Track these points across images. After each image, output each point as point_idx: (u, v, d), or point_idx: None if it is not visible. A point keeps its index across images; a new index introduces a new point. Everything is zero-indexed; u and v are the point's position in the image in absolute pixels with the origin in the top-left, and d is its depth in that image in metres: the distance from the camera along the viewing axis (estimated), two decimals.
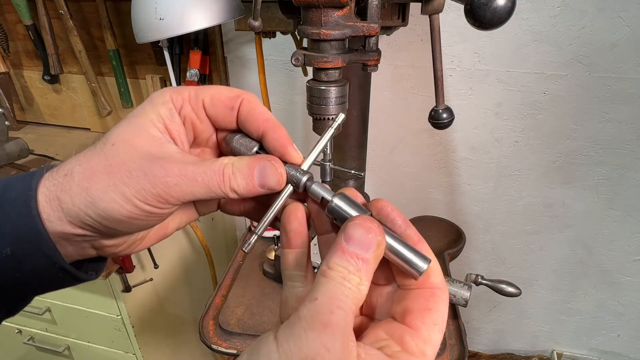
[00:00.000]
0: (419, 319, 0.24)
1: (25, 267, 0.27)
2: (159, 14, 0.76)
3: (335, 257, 0.23)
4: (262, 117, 0.30)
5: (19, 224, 0.26)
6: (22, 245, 0.27)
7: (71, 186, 0.27)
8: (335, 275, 0.23)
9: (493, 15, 0.46)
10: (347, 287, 0.22)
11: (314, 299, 0.22)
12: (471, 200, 1.26)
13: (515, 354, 1.51)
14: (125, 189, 0.26)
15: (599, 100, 1.03)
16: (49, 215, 0.27)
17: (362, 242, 0.23)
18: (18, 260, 0.27)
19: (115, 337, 1.07)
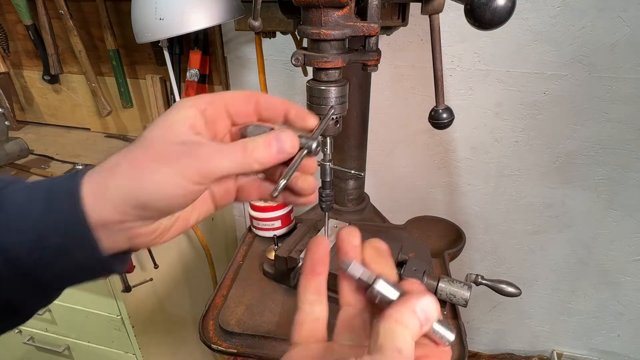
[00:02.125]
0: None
1: (70, 258, 0.30)
2: (159, 14, 0.76)
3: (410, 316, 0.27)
4: (280, 101, 0.36)
5: (67, 217, 0.29)
6: (69, 236, 0.29)
7: (117, 175, 0.29)
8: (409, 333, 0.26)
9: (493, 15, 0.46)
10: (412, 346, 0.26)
11: (398, 351, 0.25)
12: (471, 200, 1.26)
13: (515, 354, 1.51)
14: (168, 169, 0.29)
15: (599, 100, 1.03)
16: (94, 205, 0.29)
17: (428, 315, 0.27)
18: (65, 251, 0.29)
19: (115, 337, 1.07)
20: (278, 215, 0.92)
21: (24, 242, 0.28)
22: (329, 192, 0.73)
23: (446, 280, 0.72)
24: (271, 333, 0.74)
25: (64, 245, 0.29)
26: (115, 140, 1.39)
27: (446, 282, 0.71)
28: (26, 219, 0.28)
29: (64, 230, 0.29)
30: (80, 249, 0.29)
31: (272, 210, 0.91)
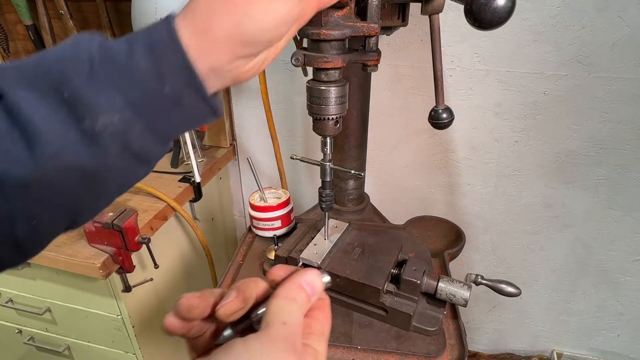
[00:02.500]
0: (316, 312, 0.32)
1: (179, 103, 0.30)
2: (159, 14, 0.76)
3: (297, 291, 0.30)
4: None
5: (174, 64, 0.29)
6: (176, 82, 0.29)
7: (217, 17, 0.30)
8: (296, 306, 0.30)
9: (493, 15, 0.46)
10: (300, 317, 0.30)
11: (283, 323, 0.28)
12: (471, 200, 1.26)
13: (515, 354, 1.51)
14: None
15: (598, 100, 1.03)
16: (201, 52, 0.30)
17: (315, 287, 0.31)
18: (176, 98, 0.30)
19: (116, 337, 1.07)
20: (278, 215, 0.92)
21: (139, 90, 0.29)
22: (329, 192, 0.73)
23: (446, 280, 0.72)
24: None
25: (176, 95, 0.29)
26: None
27: (446, 282, 0.71)
28: (134, 71, 0.29)
29: (173, 80, 0.29)
30: (187, 93, 0.30)
31: (272, 210, 0.92)
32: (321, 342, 0.31)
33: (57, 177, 0.28)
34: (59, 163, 0.27)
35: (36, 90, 0.27)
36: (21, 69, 0.28)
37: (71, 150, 0.28)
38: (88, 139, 0.28)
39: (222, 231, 1.50)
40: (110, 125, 0.28)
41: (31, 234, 0.30)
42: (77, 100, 0.27)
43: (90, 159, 0.28)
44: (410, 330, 0.71)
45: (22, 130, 0.27)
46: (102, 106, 0.28)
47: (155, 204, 1.07)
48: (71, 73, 0.28)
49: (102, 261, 0.89)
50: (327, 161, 0.69)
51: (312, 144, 1.32)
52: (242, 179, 1.47)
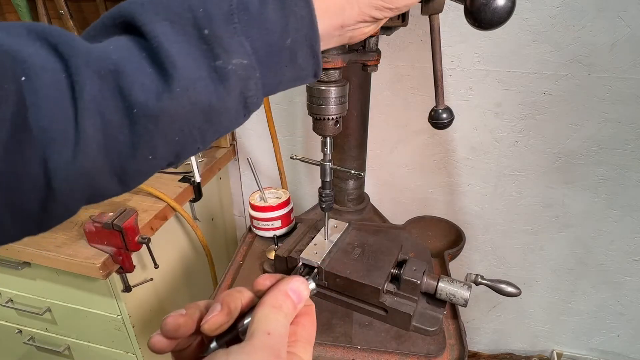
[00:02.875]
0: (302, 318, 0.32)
1: (294, 58, 0.32)
2: None
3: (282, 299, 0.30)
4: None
5: (300, 18, 0.31)
6: (298, 37, 0.31)
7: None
8: (282, 315, 0.29)
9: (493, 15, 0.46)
10: (286, 326, 0.29)
11: (267, 333, 0.27)
12: (471, 200, 1.26)
13: (515, 354, 1.51)
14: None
15: (598, 100, 1.03)
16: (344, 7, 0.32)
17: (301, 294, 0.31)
18: (292, 51, 0.31)
19: (116, 337, 1.07)
20: (278, 215, 0.92)
21: (265, 40, 0.30)
22: (329, 192, 0.73)
23: (446, 280, 0.72)
24: None
25: (293, 49, 0.31)
26: None
27: (446, 282, 0.71)
28: (267, 21, 0.30)
29: (296, 34, 0.31)
30: (304, 51, 0.32)
31: (272, 210, 0.92)
32: (307, 349, 0.30)
33: (184, 111, 0.29)
34: (190, 98, 0.28)
35: (176, 26, 0.28)
36: (163, 4, 0.29)
37: (201, 86, 0.29)
38: (217, 78, 0.29)
39: (222, 231, 1.50)
40: (240, 67, 0.30)
41: (141, 167, 0.30)
42: (215, 39, 0.29)
43: (215, 97, 0.29)
44: (410, 330, 0.71)
45: (160, 64, 0.28)
46: (236, 48, 0.29)
47: (155, 204, 1.07)
48: (214, 12, 0.29)
49: (102, 261, 0.89)
50: (327, 161, 0.69)
51: (312, 144, 1.32)
52: (242, 179, 1.47)
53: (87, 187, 0.28)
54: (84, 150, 0.26)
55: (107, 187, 0.30)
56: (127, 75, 0.27)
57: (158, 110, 0.28)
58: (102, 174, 0.28)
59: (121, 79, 0.27)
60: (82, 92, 0.26)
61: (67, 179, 0.27)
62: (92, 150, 0.27)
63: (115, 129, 0.27)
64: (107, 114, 0.27)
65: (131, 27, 0.29)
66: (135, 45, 0.28)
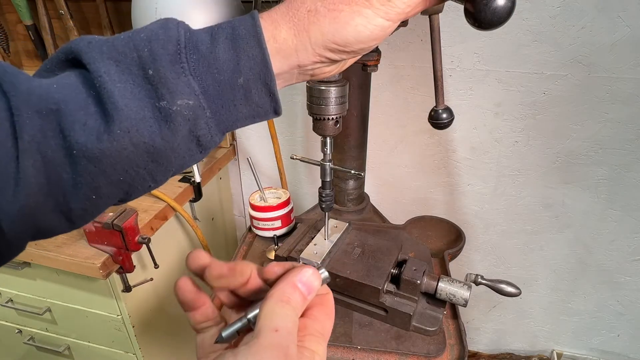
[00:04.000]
0: (316, 310, 0.31)
1: (249, 96, 0.32)
2: (159, 14, 0.76)
3: (290, 291, 0.29)
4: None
5: (252, 57, 0.30)
6: (251, 76, 0.31)
7: (319, 21, 0.31)
8: (289, 309, 0.28)
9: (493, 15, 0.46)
10: (294, 320, 0.28)
11: (275, 330, 0.26)
12: (471, 200, 1.26)
13: (515, 354, 1.51)
14: (368, 10, 0.31)
15: (598, 100, 1.03)
16: (298, 48, 0.31)
17: (310, 285, 0.30)
18: (247, 90, 0.31)
19: (116, 337, 1.07)
20: (278, 215, 0.92)
21: (215, 79, 0.30)
22: (329, 192, 0.73)
23: (446, 280, 0.72)
24: None
25: (247, 87, 0.31)
26: None
27: (446, 282, 0.71)
28: (214, 58, 0.30)
29: (249, 73, 0.30)
30: (259, 90, 0.31)
31: (272, 210, 0.92)
32: (320, 342, 0.29)
33: (127, 152, 0.28)
34: (132, 138, 0.28)
35: (121, 65, 0.28)
36: (109, 44, 0.29)
37: (144, 127, 0.28)
38: (162, 119, 0.29)
39: (222, 231, 1.50)
40: (186, 108, 0.29)
41: (86, 206, 0.30)
42: (159, 80, 0.28)
43: (159, 138, 0.29)
44: (410, 330, 0.71)
45: (101, 104, 0.28)
46: (182, 89, 0.29)
47: (155, 204, 1.07)
48: (159, 53, 0.29)
49: (102, 261, 0.89)
50: (327, 161, 0.69)
51: (312, 144, 1.32)
52: (242, 179, 1.48)
53: (30, 225, 0.29)
54: (25, 190, 0.26)
55: (53, 224, 0.30)
56: (68, 115, 0.27)
57: (98, 152, 0.27)
58: (45, 213, 0.29)
59: (62, 118, 0.27)
60: (22, 132, 0.26)
61: (9, 217, 0.27)
62: (33, 189, 0.27)
63: (58, 168, 0.27)
64: (49, 153, 0.27)
65: (81, 64, 0.29)
66: (83, 83, 0.28)
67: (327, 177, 0.71)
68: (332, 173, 0.71)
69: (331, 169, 0.70)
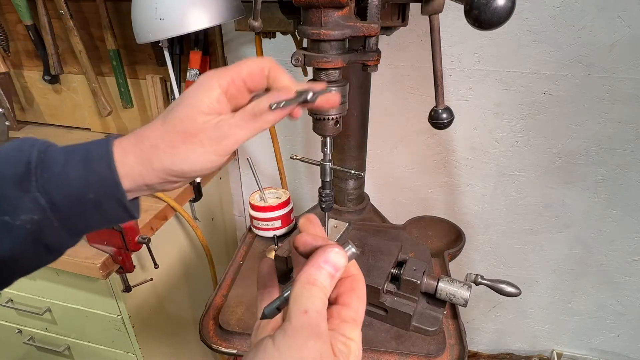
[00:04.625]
0: (347, 296, 0.32)
1: (102, 210, 0.36)
2: (159, 14, 0.76)
3: (316, 273, 0.30)
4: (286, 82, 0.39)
5: (103, 178, 0.35)
6: (102, 192, 0.35)
7: (159, 155, 0.36)
8: (316, 290, 0.30)
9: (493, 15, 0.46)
10: (322, 300, 0.30)
11: (305, 312, 0.28)
12: (471, 200, 1.26)
13: (515, 354, 1.51)
14: (202, 150, 0.36)
15: (598, 100, 1.03)
16: (143, 173, 0.36)
17: (335, 264, 0.31)
18: (97, 203, 0.35)
19: (116, 337, 1.07)
20: (278, 215, 0.92)
21: (65, 195, 0.34)
22: (329, 192, 0.73)
23: (446, 280, 0.72)
24: None
25: (98, 201, 0.35)
26: None
27: (446, 282, 0.71)
28: (65, 177, 0.34)
29: (99, 189, 0.35)
30: (110, 201, 0.35)
31: (272, 210, 0.92)
32: (354, 328, 0.31)
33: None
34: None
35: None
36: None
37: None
38: (5, 230, 0.33)
39: (222, 231, 1.50)
40: (30, 222, 0.33)
41: None
42: (2, 198, 0.33)
43: (2, 247, 0.33)
44: (410, 330, 0.71)
45: None
46: (25, 207, 0.33)
47: (156, 204, 1.07)
48: (7, 174, 0.33)
49: (102, 261, 0.89)
50: (327, 161, 0.69)
51: (312, 144, 1.32)
52: (242, 179, 1.48)
53: None
54: None
55: None
56: None
57: None
58: None
59: None
60: None
61: None
62: None
63: None
64: None
65: None
66: None
67: (327, 177, 0.71)
68: (332, 173, 0.71)
69: (331, 169, 0.70)
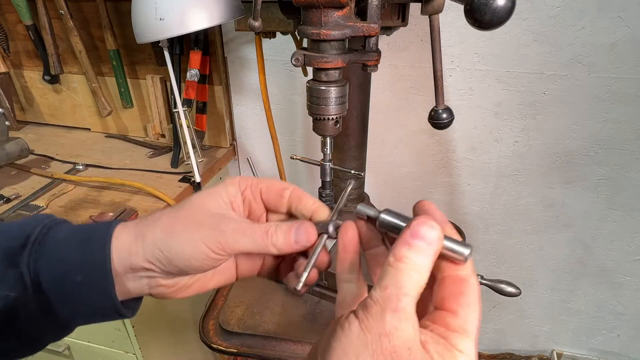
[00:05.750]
0: (455, 303, 0.28)
1: (86, 297, 0.34)
2: (159, 14, 0.76)
3: (403, 249, 0.27)
4: (310, 201, 0.39)
5: (93, 259, 0.33)
6: (90, 276, 0.33)
7: (155, 229, 0.35)
8: (403, 266, 0.26)
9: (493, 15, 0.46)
10: (412, 277, 0.26)
11: (385, 288, 0.26)
12: (471, 200, 1.26)
13: (515, 354, 1.51)
14: (197, 235, 0.34)
15: (598, 100, 1.03)
16: (128, 250, 0.34)
17: (426, 237, 0.27)
18: (85, 288, 0.33)
19: (116, 337, 1.07)
20: None
21: (53, 274, 0.33)
22: (329, 192, 0.73)
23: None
24: (271, 333, 0.74)
25: (85, 285, 0.33)
26: (116, 140, 1.39)
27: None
28: (59, 254, 0.33)
29: (86, 269, 0.33)
30: (97, 290, 0.34)
31: None
32: (464, 340, 0.27)
33: None
34: None
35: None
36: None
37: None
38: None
39: None
40: (3, 299, 0.33)
41: None
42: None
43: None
44: None
45: None
46: (7, 281, 0.33)
47: (156, 204, 1.07)
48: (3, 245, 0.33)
49: None
50: (327, 161, 0.69)
51: (312, 144, 1.32)
52: None
53: None
54: None
55: None
56: None
57: None
58: None
59: None
60: None
61: None
62: None
63: None
64: None
65: None
66: None
67: (327, 177, 0.71)
68: (332, 173, 0.71)
69: (331, 169, 0.70)
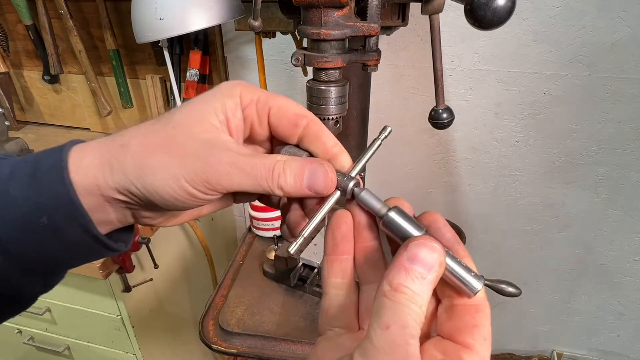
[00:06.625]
0: (469, 336, 0.25)
1: (61, 237, 0.27)
2: (159, 14, 0.76)
3: (400, 277, 0.23)
4: (330, 142, 0.32)
5: (54, 194, 0.26)
6: (57, 214, 0.27)
7: (125, 157, 0.27)
8: (402, 298, 0.22)
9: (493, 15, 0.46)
10: (414, 311, 0.22)
11: (386, 327, 0.22)
12: (471, 200, 1.26)
13: (515, 354, 1.51)
14: (178, 170, 0.27)
15: (599, 100, 1.03)
16: (98, 179, 0.27)
17: (426, 262, 0.23)
18: (54, 229, 0.27)
19: (115, 337, 1.07)
20: (278, 215, 0.92)
21: (12, 226, 0.26)
22: None
23: None
24: (271, 333, 0.74)
25: (51, 225, 0.27)
26: None
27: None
28: (6, 196, 0.26)
29: (49, 207, 0.26)
30: (70, 227, 0.27)
31: (272, 210, 0.92)
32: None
33: None
34: None
35: None
36: None
37: None
38: None
39: (222, 231, 1.50)
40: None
41: None
42: None
43: None
44: None
45: None
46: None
47: None
48: None
49: (102, 261, 0.89)
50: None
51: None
52: None
53: None
54: None
55: None
56: None
57: None
58: None
59: None
60: None
61: None
62: None
63: None
64: None
65: None
66: None
67: None
68: None
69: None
